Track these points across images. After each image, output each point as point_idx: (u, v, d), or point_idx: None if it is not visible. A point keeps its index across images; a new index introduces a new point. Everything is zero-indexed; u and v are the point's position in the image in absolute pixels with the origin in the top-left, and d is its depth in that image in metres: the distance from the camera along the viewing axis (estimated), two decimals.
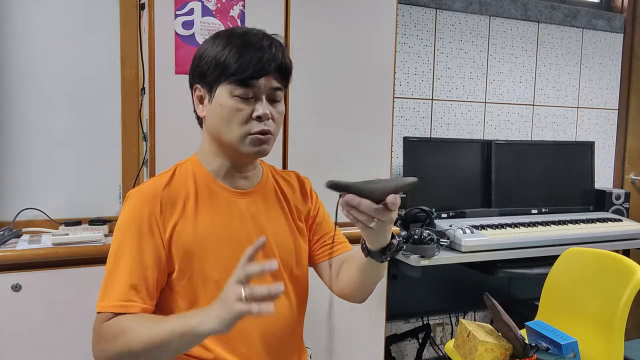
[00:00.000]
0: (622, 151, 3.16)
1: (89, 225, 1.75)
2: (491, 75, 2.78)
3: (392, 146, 1.98)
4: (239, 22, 1.69)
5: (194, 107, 1.11)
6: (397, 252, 1.04)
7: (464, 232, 2.12)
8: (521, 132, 2.89)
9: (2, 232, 1.62)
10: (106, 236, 1.68)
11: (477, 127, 2.77)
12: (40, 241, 1.61)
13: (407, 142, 2.40)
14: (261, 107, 1.03)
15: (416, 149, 2.41)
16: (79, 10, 1.80)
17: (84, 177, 1.84)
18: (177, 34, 1.62)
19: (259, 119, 1.03)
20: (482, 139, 2.76)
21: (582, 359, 1.42)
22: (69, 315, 1.58)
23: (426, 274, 2.08)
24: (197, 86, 1.08)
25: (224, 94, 1.03)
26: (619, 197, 2.79)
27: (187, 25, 1.63)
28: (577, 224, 2.47)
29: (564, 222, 2.47)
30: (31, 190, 1.78)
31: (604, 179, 3.14)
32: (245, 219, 1.10)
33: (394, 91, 1.97)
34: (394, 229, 2.01)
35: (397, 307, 2.34)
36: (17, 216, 1.73)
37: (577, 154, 2.83)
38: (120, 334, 0.93)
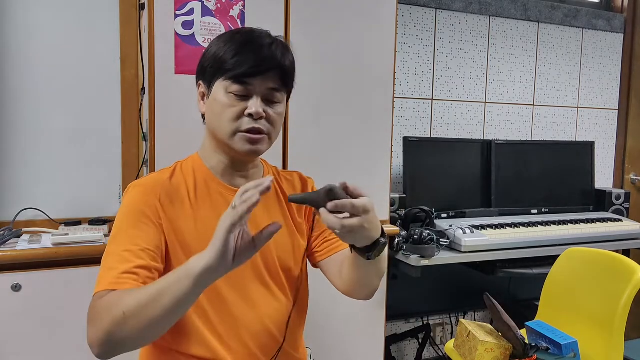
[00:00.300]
0: (622, 151, 3.16)
1: (89, 225, 1.75)
2: (491, 75, 2.78)
3: (392, 146, 1.98)
4: (238, 22, 1.69)
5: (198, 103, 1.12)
6: (385, 248, 0.99)
7: (464, 232, 2.12)
8: (521, 132, 2.89)
9: (2, 232, 1.62)
10: (106, 236, 1.68)
11: (477, 127, 2.77)
12: (40, 241, 1.61)
13: (407, 142, 2.40)
14: (254, 105, 1.01)
15: (416, 149, 2.41)
16: (79, 10, 1.80)
17: (84, 177, 1.84)
18: (177, 34, 1.62)
19: (251, 116, 1.02)
20: (482, 139, 2.76)
21: (582, 359, 1.42)
22: (68, 315, 1.58)
23: (426, 274, 2.08)
24: (200, 82, 1.08)
25: (220, 90, 1.03)
26: (619, 197, 2.79)
27: (187, 25, 1.63)
28: (577, 224, 2.47)
29: (564, 222, 2.47)
30: (31, 190, 1.78)
31: (604, 179, 3.14)
32: None
33: (394, 91, 1.97)
34: (394, 229, 2.03)
35: (397, 307, 2.34)
36: (17, 216, 1.73)
37: (577, 154, 2.83)
38: (113, 303, 0.87)
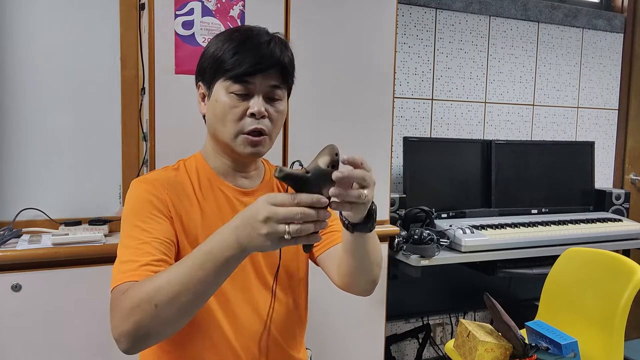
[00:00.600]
0: (622, 151, 3.16)
1: (89, 225, 1.75)
2: (491, 75, 2.78)
3: (392, 146, 1.99)
4: (238, 22, 1.69)
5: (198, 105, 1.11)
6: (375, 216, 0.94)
7: (464, 232, 2.12)
8: (521, 132, 2.89)
9: (2, 232, 1.62)
10: (106, 236, 1.68)
11: (477, 127, 2.77)
12: (40, 241, 1.61)
13: (407, 142, 2.40)
14: (256, 105, 1.00)
15: (416, 149, 2.41)
16: (79, 10, 1.80)
17: (84, 177, 1.84)
18: (177, 34, 1.62)
19: (253, 116, 1.01)
20: (482, 139, 2.76)
21: (582, 359, 1.42)
22: (68, 315, 1.58)
23: (426, 274, 2.08)
24: (199, 83, 1.08)
25: (221, 90, 1.02)
26: (619, 197, 2.79)
27: (187, 25, 1.63)
28: (577, 224, 2.47)
29: (564, 222, 2.47)
30: (31, 190, 1.78)
31: (604, 179, 3.14)
32: None
33: (394, 91, 1.97)
34: (394, 229, 2.03)
35: (397, 307, 2.34)
36: (17, 216, 1.73)
37: (577, 154, 2.83)
38: (140, 294, 0.83)
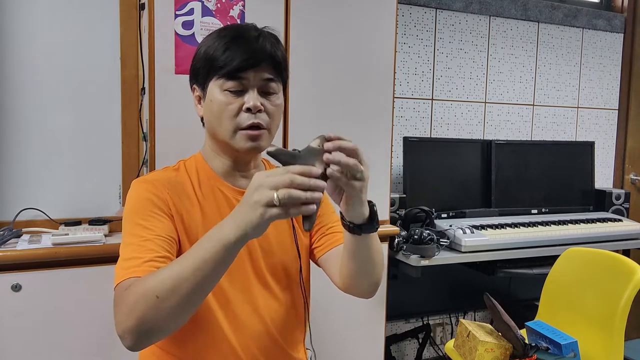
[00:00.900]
0: (622, 151, 3.16)
1: (89, 225, 1.75)
2: (491, 75, 2.78)
3: (392, 146, 1.99)
4: (238, 22, 1.69)
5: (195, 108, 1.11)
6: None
7: (464, 232, 2.12)
8: (521, 132, 2.89)
9: (2, 232, 1.62)
10: (106, 236, 1.68)
11: (477, 127, 2.77)
12: (40, 241, 1.61)
13: (407, 142, 2.40)
14: (251, 99, 1.00)
15: (416, 149, 2.41)
16: (79, 10, 1.80)
17: (84, 177, 1.84)
18: (177, 34, 1.62)
19: (249, 110, 1.01)
20: (482, 139, 2.76)
21: (582, 359, 1.42)
22: (68, 315, 1.58)
23: (426, 274, 2.08)
24: (194, 86, 1.08)
25: (215, 89, 1.02)
26: (619, 197, 2.79)
27: (187, 25, 1.63)
28: (577, 224, 2.47)
29: (564, 222, 2.47)
30: (31, 190, 1.78)
31: (604, 179, 3.14)
32: None
33: (394, 91, 1.97)
34: (394, 229, 2.03)
35: (397, 307, 2.34)
36: (17, 216, 1.73)
37: (577, 154, 2.83)
38: (143, 289, 0.83)
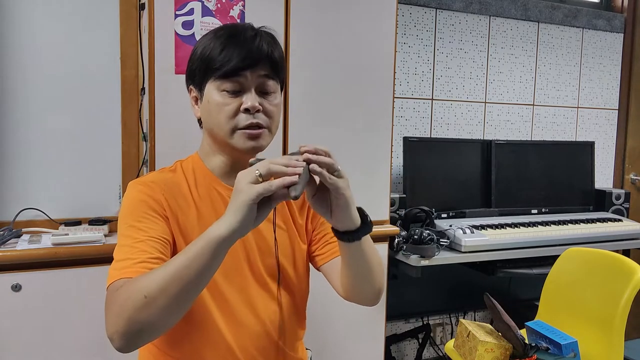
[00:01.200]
0: (622, 151, 3.16)
1: (89, 225, 1.75)
2: (491, 75, 2.78)
3: (392, 146, 1.98)
4: (238, 22, 1.69)
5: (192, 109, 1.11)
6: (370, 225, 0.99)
7: (464, 232, 2.12)
8: (521, 132, 2.89)
9: (2, 232, 1.62)
10: (106, 236, 1.68)
11: (477, 127, 2.77)
12: (40, 241, 1.61)
13: (407, 142, 2.40)
14: (249, 100, 1.00)
15: (416, 149, 2.41)
16: (79, 10, 1.80)
17: (84, 177, 1.84)
18: (177, 34, 1.62)
19: (247, 111, 1.00)
20: (482, 139, 2.76)
21: (582, 359, 1.42)
22: (68, 315, 1.58)
23: (426, 274, 2.08)
24: (191, 87, 1.07)
25: (213, 90, 1.01)
26: (619, 197, 2.79)
27: (187, 25, 1.63)
28: (577, 224, 2.47)
29: (564, 222, 2.47)
30: (31, 190, 1.78)
31: (604, 179, 3.14)
32: None
33: (394, 91, 1.97)
34: (394, 229, 2.03)
35: (397, 307, 2.34)
36: (17, 216, 1.73)
37: (577, 154, 2.83)
38: (132, 289, 0.83)
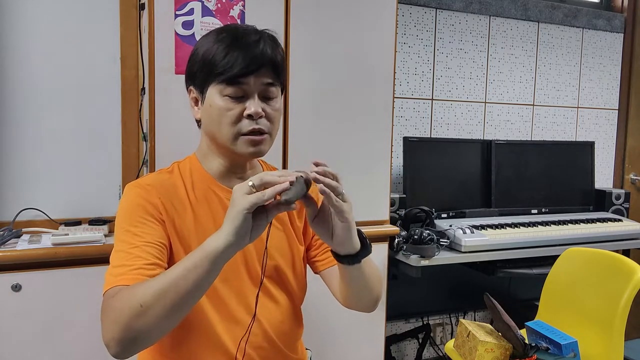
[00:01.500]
0: (622, 151, 3.16)
1: (89, 225, 1.75)
2: (491, 75, 2.78)
3: (392, 146, 1.99)
4: (238, 22, 1.69)
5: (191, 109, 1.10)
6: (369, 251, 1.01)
7: (464, 232, 2.12)
8: (521, 132, 2.89)
9: (2, 232, 1.62)
10: (106, 236, 1.68)
11: (477, 127, 2.77)
12: (40, 241, 1.61)
13: (407, 142, 2.40)
14: (252, 105, 0.99)
15: (416, 149, 2.41)
16: (79, 10, 1.80)
17: (84, 177, 1.84)
18: (177, 34, 1.62)
19: (250, 117, 0.99)
20: (482, 139, 2.76)
21: (582, 359, 1.42)
22: (69, 315, 1.58)
23: (426, 274, 2.08)
24: (191, 88, 1.06)
25: (215, 94, 1.00)
26: (618, 197, 2.79)
27: (187, 25, 1.63)
28: (577, 224, 2.47)
29: (564, 222, 2.47)
30: (31, 190, 1.78)
31: (604, 179, 3.14)
32: None
33: (394, 91, 1.97)
34: (394, 229, 2.03)
35: (397, 307, 2.34)
36: (17, 216, 1.73)
37: (577, 154, 2.83)
38: (129, 297, 0.85)
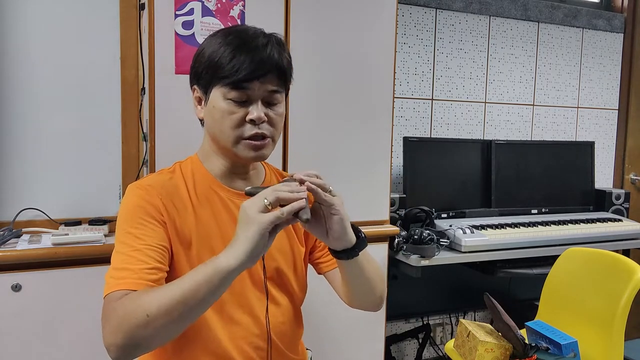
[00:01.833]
0: (622, 151, 3.16)
1: (89, 225, 1.75)
2: (491, 75, 2.78)
3: (392, 146, 1.98)
4: (238, 22, 1.69)
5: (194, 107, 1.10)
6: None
7: (464, 232, 2.12)
8: (521, 132, 2.89)
9: (2, 232, 1.62)
10: (106, 236, 1.68)
11: (477, 127, 2.77)
12: (40, 241, 1.61)
13: (407, 142, 2.40)
14: (255, 111, 0.99)
15: (416, 149, 2.41)
16: (79, 10, 1.80)
17: (84, 177, 1.84)
18: (177, 34, 1.62)
19: (253, 122, 0.99)
20: (482, 139, 2.76)
21: (582, 359, 1.42)
22: (68, 315, 1.58)
23: (426, 274, 2.08)
24: (195, 87, 1.06)
25: (218, 96, 1.00)
26: (618, 197, 2.79)
27: (187, 25, 1.63)
28: (577, 224, 2.47)
29: (564, 222, 2.47)
30: (31, 190, 1.78)
31: (604, 179, 3.14)
32: None
33: (394, 91, 1.97)
34: (394, 229, 2.03)
35: (397, 307, 2.34)
36: (17, 216, 1.73)
37: (577, 154, 2.83)
38: (134, 305, 0.84)
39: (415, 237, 2.04)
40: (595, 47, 3.04)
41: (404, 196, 2.31)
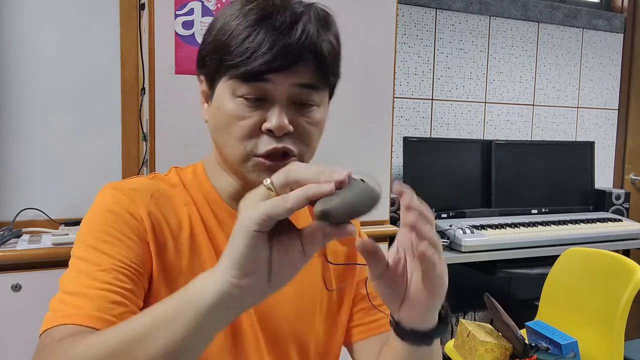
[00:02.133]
0: (622, 151, 3.16)
1: None
2: (491, 75, 2.78)
3: (392, 146, 1.98)
4: None
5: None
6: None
7: (464, 232, 2.12)
8: (521, 132, 2.89)
9: (2, 232, 1.62)
10: None
11: (477, 127, 2.77)
12: (40, 241, 1.61)
13: (407, 142, 2.40)
14: (274, 116, 0.66)
15: (416, 149, 2.41)
16: (79, 10, 1.80)
17: (84, 177, 1.83)
18: (177, 34, 1.62)
19: (271, 132, 0.66)
20: (482, 139, 2.76)
21: (582, 359, 1.42)
22: None
23: None
24: (201, 77, 0.75)
25: (225, 92, 0.68)
26: (619, 197, 2.79)
27: (187, 25, 1.63)
28: (577, 224, 2.47)
29: (564, 222, 2.47)
30: (31, 190, 1.78)
31: (604, 179, 3.14)
32: None
33: (394, 91, 1.97)
34: (394, 229, 2.03)
35: None
36: (17, 216, 1.73)
37: (577, 154, 2.83)
38: (77, 353, 0.54)
39: None
40: (595, 47, 3.04)
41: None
